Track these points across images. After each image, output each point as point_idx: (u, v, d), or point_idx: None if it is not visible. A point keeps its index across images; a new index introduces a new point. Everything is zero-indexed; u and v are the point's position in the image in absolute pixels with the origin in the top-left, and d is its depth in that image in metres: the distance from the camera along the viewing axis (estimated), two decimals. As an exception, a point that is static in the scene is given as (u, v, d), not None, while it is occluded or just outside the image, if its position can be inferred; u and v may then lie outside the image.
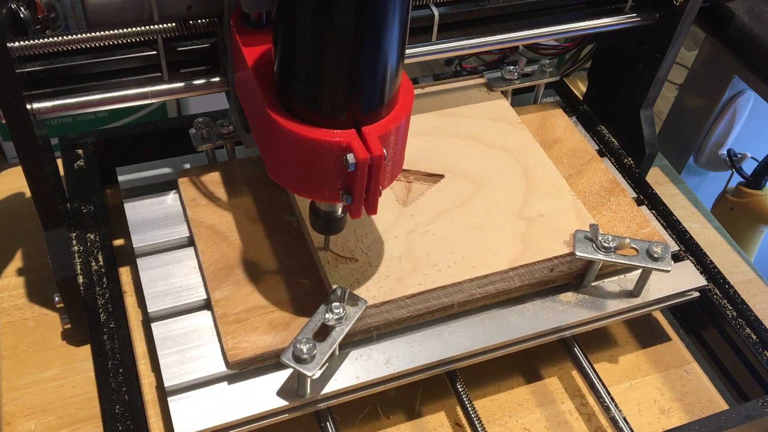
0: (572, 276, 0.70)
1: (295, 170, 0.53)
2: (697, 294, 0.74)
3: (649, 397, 0.73)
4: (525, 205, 0.71)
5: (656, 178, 0.97)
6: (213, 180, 0.73)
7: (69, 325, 0.70)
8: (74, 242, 0.73)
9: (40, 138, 0.61)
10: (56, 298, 0.68)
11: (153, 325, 0.65)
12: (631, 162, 0.86)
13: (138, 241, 0.70)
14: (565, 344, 0.72)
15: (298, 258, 0.68)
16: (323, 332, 0.59)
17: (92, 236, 0.73)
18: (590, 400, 0.72)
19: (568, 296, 0.70)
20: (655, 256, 0.67)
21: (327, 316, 0.59)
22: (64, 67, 0.62)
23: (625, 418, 0.67)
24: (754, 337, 0.72)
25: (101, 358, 0.65)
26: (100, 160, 0.80)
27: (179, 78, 0.65)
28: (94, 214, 0.75)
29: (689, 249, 0.79)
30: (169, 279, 0.67)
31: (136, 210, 0.73)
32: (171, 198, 0.74)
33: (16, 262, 0.79)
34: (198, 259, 0.68)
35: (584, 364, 0.70)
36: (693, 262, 0.76)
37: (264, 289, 0.65)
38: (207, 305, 0.66)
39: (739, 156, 1.16)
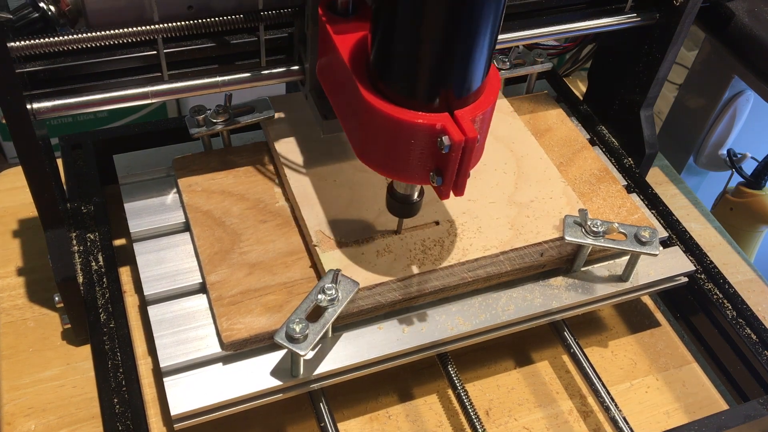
0: (562, 261, 0.71)
1: (387, 153, 0.55)
2: (685, 279, 0.75)
3: (648, 397, 0.73)
4: (516, 191, 0.73)
5: (656, 178, 0.97)
6: (209, 167, 0.74)
7: (69, 325, 0.70)
8: (74, 242, 0.73)
9: (40, 138, 0.61)
10: (56, 298, 0.68)
11: (149, 307, 0.66)
12: (631, 162, 0.86)
13: (135, 226, 0.71)
14: (555, 329, 0.73)
15: (291, 242, 0.69)
16: (316, 313, 0.60)
17: (92, 236, 0.73)
18: (590, 400, 0.72)
19: (558, 281, 0.71)
20: (643, 240, 0.68)
21: (319, 297, 0.60)
22: (64, 67, 0.62)
23: (625, 418, 0.67)
24: (754, 337, 0.72)
25: (101, 358, 0.65)
26: (100, 160, 0.80)
27: (179, 78, 0.65)
28: (94, 214, 0.75)
29: (678, 235, 0.80)
30: (165, 263, 0.69)
31: (133, 196, 0.74)
32: (167, 184, 0.75)
33: (16, 262, 0.79)
34: (194, 243, 0.69)
35: (575, 350, 0.71)
36: (681, 248, 0.77)
37: (258, 273, 0.66)
38: (202, 289, 0.67)
39: (739, 156, 1.16)
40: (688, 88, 1.12)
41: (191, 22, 0.61)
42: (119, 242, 0.79)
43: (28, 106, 0.60)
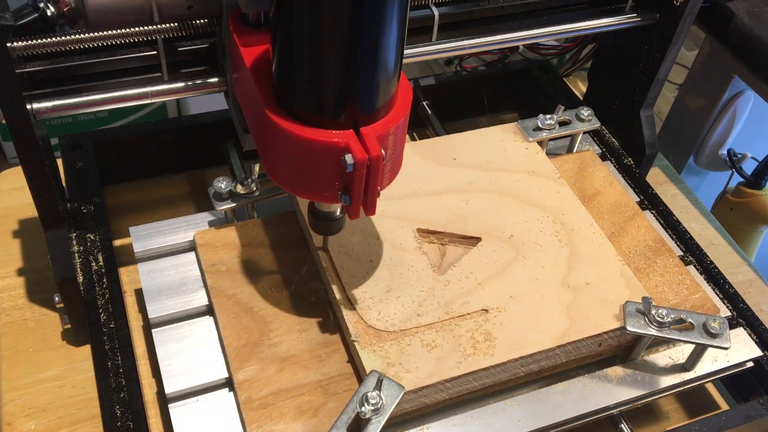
0: (620, 348, 0.66)
1: (294, 171, 0.53)
2: (751, 364, 0.68)
3: (649, 397, 0.73)
4: (570, 271, 0.66)
5: (656, 178, 0.97)
6: (233, 242, 0.68)
7: (69, 325, 0.70)
8: (74, 242, 0.73)
9: (40, 138, 0.61)
10: (56, 298, 0.68)
11: (171, 406, 0.61)
12: (631, 162, 0.86)
13: (154, 311, 0.65)
14: (610, 418, 0.68)
15: (326, 331, 0.63)
16: (357, 422, 0.55)
17: (92, 236, 0.73)
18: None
19: (616, 371, 0.65)
20: (713, 331, 0.62)
21: (363, 409, 0.54)
22: (64, 67, 0.62)
23: (625, 417, 0.67)
24: (754, 337, 0.72)
25: (101, 358, 0.65)
26: (100, 160, 0.80)
27: (179, 78, 0.65)
28: (94, 214, 0.75)
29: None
30: (187, 354, 0.63)
31: (151, 275, 0.68)
32: (188, 260, 0.69)
33: (16, 262, 0.79)
34: (218, 332, 0.64)
35: None
36: (745, 327, 0.71)
37: (291, 369, 0.61)
38: (229, 383, 0.62)
39: (739, 156, 1.16)
40: (688, 88, 1.12)
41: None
42: (119, 242, 0.79)
43: (28, 106, 0.60)
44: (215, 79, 0.66)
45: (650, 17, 0.79)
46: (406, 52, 0.69)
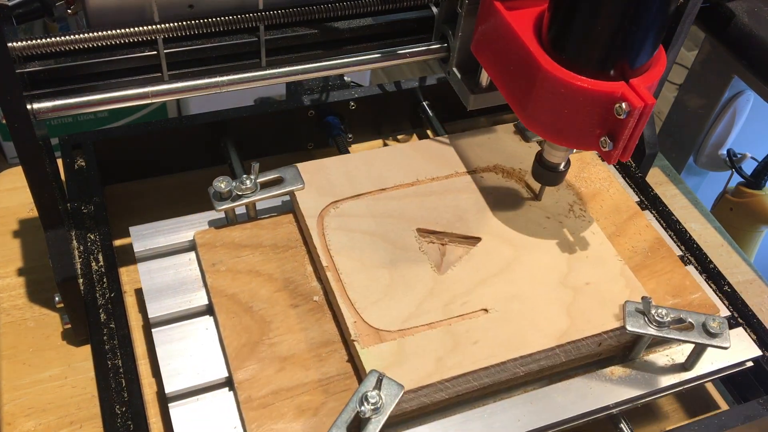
0: (620, 348, 0.66)
1: (558, 119, 0.59)
2: (750, 363, 0.68)
3: (649, 397, 0.73)
4: (570, 271, 0.67)
5: (656, 178, 0.97)
6: (233, 242, 0.68)
7: (69, 325, 0.70)
8: (74, 242, 0.73)
9: (40, 138, 0.61)
10: (56, 298, 0.68)
11: (170, 405, 0.60)
12: (631, 162, 0.86)
13: (154, 310, 0.65)
14: (610, 418, 0.67)
15: (325, 330, 0.63)
16: (357, 420, 0.55)
17: (92, 236, 0.73)
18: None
19: (616, 371, 0.65)
20: (712, 331, 0.62)
21: (362, 408, 0.54)
22: (64, 67, 0.62)
23: (625, 417, 0.67)
24: (754, 336, 0.72)
25: (101, 358, 0.65)
26: (100, 160, 0.80)
27: (179, 78, 0.65)
28: (94, 214, 0.75)
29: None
30: (187, 354, 0.63)
31: (151, 275, 0.67)
32: (188, 260, 0.69)
33: (16, 262, 0.79)
34: (218, 331, 0.64)
35: None
36: (745, 328, 0.72)
37: (291, 368, 0.61)
38: (229, 383, 0.62)
39: (739, 156, 1.16)
40: (688, 88, 1.12)
41: (279, 11, 0.65)
42: (119, 242, 0.79)
43: (28, 107, 0.60)
44: (212, 79, 0.66)
45: (650, 17, 0.79)
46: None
